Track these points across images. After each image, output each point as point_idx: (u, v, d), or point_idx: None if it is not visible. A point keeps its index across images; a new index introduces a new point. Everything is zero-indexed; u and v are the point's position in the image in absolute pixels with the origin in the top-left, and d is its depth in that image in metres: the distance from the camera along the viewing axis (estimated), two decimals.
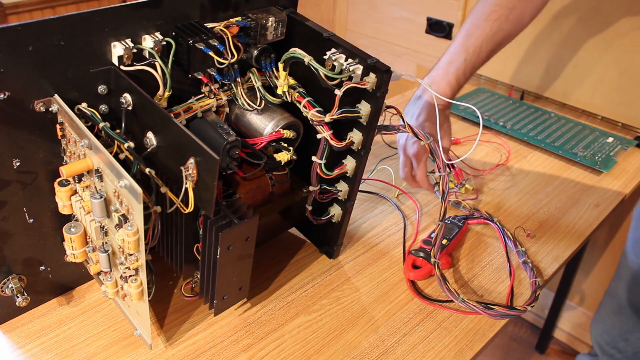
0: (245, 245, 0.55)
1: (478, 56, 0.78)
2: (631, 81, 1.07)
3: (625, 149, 1.03)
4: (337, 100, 0.57)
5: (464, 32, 0.79)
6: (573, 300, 1.38)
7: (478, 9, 0.80)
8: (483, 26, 0.78)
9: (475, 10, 0.80)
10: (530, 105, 1.16)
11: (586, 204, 0.87)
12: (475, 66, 0.79)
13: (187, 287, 0.64)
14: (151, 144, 0.51)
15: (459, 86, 0.78)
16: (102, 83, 0.52)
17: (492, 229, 0.80)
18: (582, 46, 1.11)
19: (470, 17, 0.80)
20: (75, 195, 0.53)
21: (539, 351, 1.43)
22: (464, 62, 0.77)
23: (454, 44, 0.79)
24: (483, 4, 0.80)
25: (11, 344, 0.58)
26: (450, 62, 0.78)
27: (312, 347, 0.60)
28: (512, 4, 0.78)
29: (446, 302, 0.67)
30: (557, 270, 0.74)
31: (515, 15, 0.78)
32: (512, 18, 0.78)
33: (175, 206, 0.51)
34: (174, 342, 0.60)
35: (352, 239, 0.76)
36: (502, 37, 0.79)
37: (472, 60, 0.78)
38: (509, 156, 0.98)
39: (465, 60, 0.77)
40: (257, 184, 0.63)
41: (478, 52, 0.78)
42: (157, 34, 0.53)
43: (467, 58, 0.77)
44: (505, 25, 0.78)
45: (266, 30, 0.59)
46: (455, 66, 0.77)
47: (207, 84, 0.59)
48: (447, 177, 0.62)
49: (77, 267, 0.62)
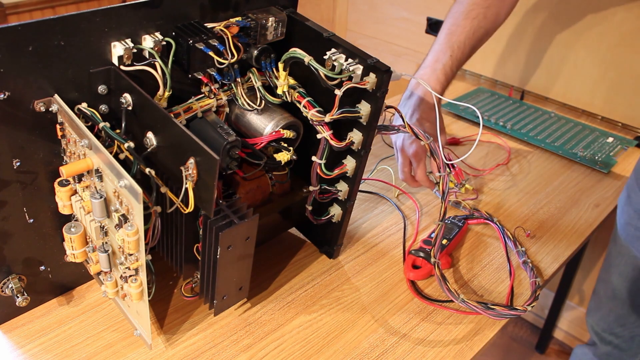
0: (245, 245, 0.55)
1: (462, 52, 0.81)
2: (631, 81, 1.07)
3: (625, 149, 1.03)
4: (337, 100, 0.57)
5: (446, 31, 0.82)
6: (573, 300, 1.38)
7: (457, 9, 0.83)
8: (463, 24, 0.81)
9: (453, 10, 0.84)
10: (530, 105, 1.16)
11: (586, 204, 0.87)
12: (461, 62, 0.82)
13: (187, 287, 0.64)
14: (151, 144, 0.51)
15: (447, 82, 0.81)
16: (102, 83, 0.52)
17: (492, 229, 0.80)
18: (582, 46, 1.11)
19: (449, 17, 0.84)
20: (75, 195, 0.53)
21: (539, 351, 1.43)
22: (450, 59, 0.80)
23: (438, 42, 0.82)
24: (460, 3, 0.83)
25: (11, 344, 0.58)
26: (436, 60, 0.80)
27: (312, 347, 0.60)
28: (488, 2, 0.82)
29: (446, 302, 0.67)
30: (557, 270, 0.74)
31: (492, 13, 0.82)
32: (489, 16, 0.82)
33: (175, 206, 0.51)
34: (174, 342, 0.60)
35: (352, 239, 0.76)
36: (482, 34, 0.83)
37: (457, 57, 0.81)
38: (509, 156, 0.98)
39: (451, 57, 0.80)
40: (257, 184, 0.63)
41: (462, 49, 0.81)
42: (157, 34, 0.53)
43: (452, 55, 0.80)
44: (483, 22, 0.82)
45: (266, 30, 0.59)
46: (442, 63, 0.80)
47: (207, 84, 0.59)
48: (447, 177, 0.62)
49: (77, 267, 0.62)
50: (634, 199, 0.80)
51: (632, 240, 0.82)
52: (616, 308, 0.90)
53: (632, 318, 0.89)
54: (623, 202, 0.83)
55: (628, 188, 0.83)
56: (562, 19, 1.12)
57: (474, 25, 0.81)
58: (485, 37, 0.84)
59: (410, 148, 0.77)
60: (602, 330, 0.95)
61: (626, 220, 0.82)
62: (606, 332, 0.94)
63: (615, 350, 0.95)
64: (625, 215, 0.83)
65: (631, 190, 0.81)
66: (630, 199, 0.81)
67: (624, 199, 0.83)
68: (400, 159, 0.80)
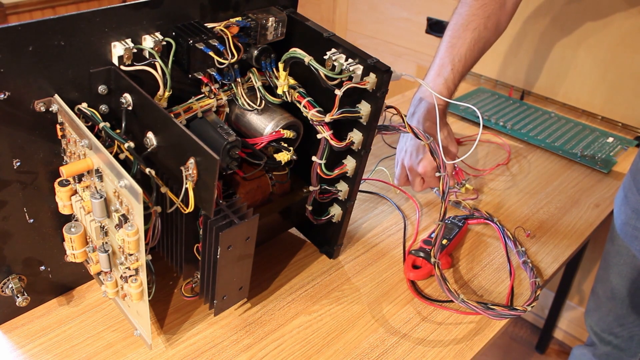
0: (245, 245, 0.55)
1: (464, 65, 0.81)
2: (631, 81, 1.07)
3: (625, 149, 1.03)
4: (337, 100, 0.57)
5: (446, 44, 0.82)
6: (573, 300, 1.38)
7: (456, 20, 0.82)
8: (464, 36, 0.81)
9: (453, 21, 0.83)
10: (530, 105, 1.16)
11: (586, 204, 0.87)
12: (463, 74, 0.82)
13: (187, 287, 0.64)
14: (151, 144, 0.51)
15: (449, 95, 0.81)
16: (102, 83, 0.52)
17: (492, 229, 0.80)
18: (582, 46, 1.11)
19: (449, 29, 0.83)
20: (76, 195, 0.53)
21: (539, 351, 1.43)
22: (451, 72, 0.80)
23: (439, 56, 0.82)
24: (460, 15, 0.82)
25: (11, 344, 0.58)
26: (438, 74, 0.81)
27: (312, 347, 0.60)
28: (487, 12, 0.81)
29: (446, 302, 0.67)
30: (557, 270, 0.74)
31: (492, 22, 0.81)
32: (490, 26, 0.81)
33: (175, 206, 0.51)
34: (174, 342, 0.60)
35: (352, 239, 0.76)
36: (483, 44, 0.82)
37: (458, 70, 0.81)
38: (509, 156, 0.98)
39: (452, 71, 0.80)
40: (257, 184, 0.63)
41: (463, 61, 0.81)
42: (157, 34, 0.53)
43: (453, 68, 0.80)
44: (484, 33, 0.81)
45: (266, 30, 0.59)
46: (444, 77, 0.80)
47: (207, 84, 0.59)
48: (447, 177, 0.62)
49: (77, 267, 0.62)
50: (631, 199, 0.80)
51: (631, 240, 0.82)
52: (615, 308, 0.90)
53: (631, 318, 0.89)
54: (620, 202, 0.84)
55: (625, 188, 0.83)
56: (563, 19, 1.12)
57: (475, 36, 0.81)
58: (487, 46, 0.84)
59: (420, 167, 0.78)
60: (601, 330, 0.95)
61: (624, 220, 0.82)
62: (605, 333, 0.94)
63: (614, 350, 0.95)
64: (622, 215, 0.83)
65: (628, 190, 0.81)
66: (628, 198, 0.81)
67: (620, 199, 0.83)
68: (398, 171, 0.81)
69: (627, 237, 0.83)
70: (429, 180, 0.79)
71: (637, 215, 0.80)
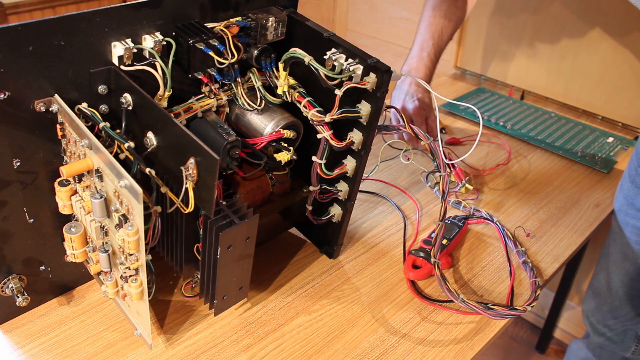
0: (245, 245, 0.55)
1: (442, 39, 0.97)
2: (631, 81, 1.07)
3: (625, 149, 1.03)
4: (337, 100, 0.57)
5: (425, 23, 0.98)
6: (573, 300, 1.38)
7: (430, 4, 0.99)
8: (438, 15, 0.98)
9: (427, 5, 1.00)
10: (530, 105, 1.16)
11: (586, 203, 0.87)
12: (442, 48, 0.98)
13: (187, 287, 0.64)
14: (151, 144, 0.51)
15: (433, 67, 0.96)
16: (102, 83, 0.52)
17: (492, 229, 0.80)
18: (582, 46, 1.11)
19: (425, 12, 1.00)
20: (76, 195, 0.53)
21: (539, 351, 1.43)
22: (433, 47, 0.96)
23: (420, 34, 0.98)
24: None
25: (11, 344, 0.58)
26: (422, 49, 0.96)
27: (312, 347, 0.60)
28: None
29: (446, 302, 0.67)
30: (557, 270, 0.74)
31: (461, 2, 0.99)
32: (459, 4, 0.99)
33: (175, 206, 0.51)
34: (174, 342, 0.60)
35: (352, 239, 0.76)
36: (455, 21, 0.99)
37: (438, 44, 0.97)
38: (509, 156, 0.98)
39: (434, 45, 0.96)
40: (257, 184, 0.63)
41: (441, 36, 0.97)
42: (157, 34, 0.53)
43: (434, 43, 0.96)
44: (455, 11, 0.99)
45: (266, 30, 0.59)
46: (427, 51, 0.96)
47: (207, 84, 0.59)
48: (447, 177, 0.62)
49: (77, 267, 0.62)
50: (625, 187, 0.84)
51: (624, 227, 0.85)
52: (610, 299, 0.91)
53: (624, 310, 0.89)
54: (617, 190, 0.87)
55: (622, 178, 0.86)
56: (562, 19, 1.12)
57: (447, 15, 0.97)
58: (459, 22, 1.00)
59: (411, 104, 0.88)
60: (596, 321, 0.96)
61: (618, 207, 0.86)
62: (600, 324, 0.95)
63: (607, 342, 0.95)
64: (617, 203, 0.86)
65: (624, 180, 0.85)
66: (622, 187, 0.85)
67: (618, 187, 0.87)
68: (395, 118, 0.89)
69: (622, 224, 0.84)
70: (415, 119, 0.89)
71: (628, 203, 0.83)
